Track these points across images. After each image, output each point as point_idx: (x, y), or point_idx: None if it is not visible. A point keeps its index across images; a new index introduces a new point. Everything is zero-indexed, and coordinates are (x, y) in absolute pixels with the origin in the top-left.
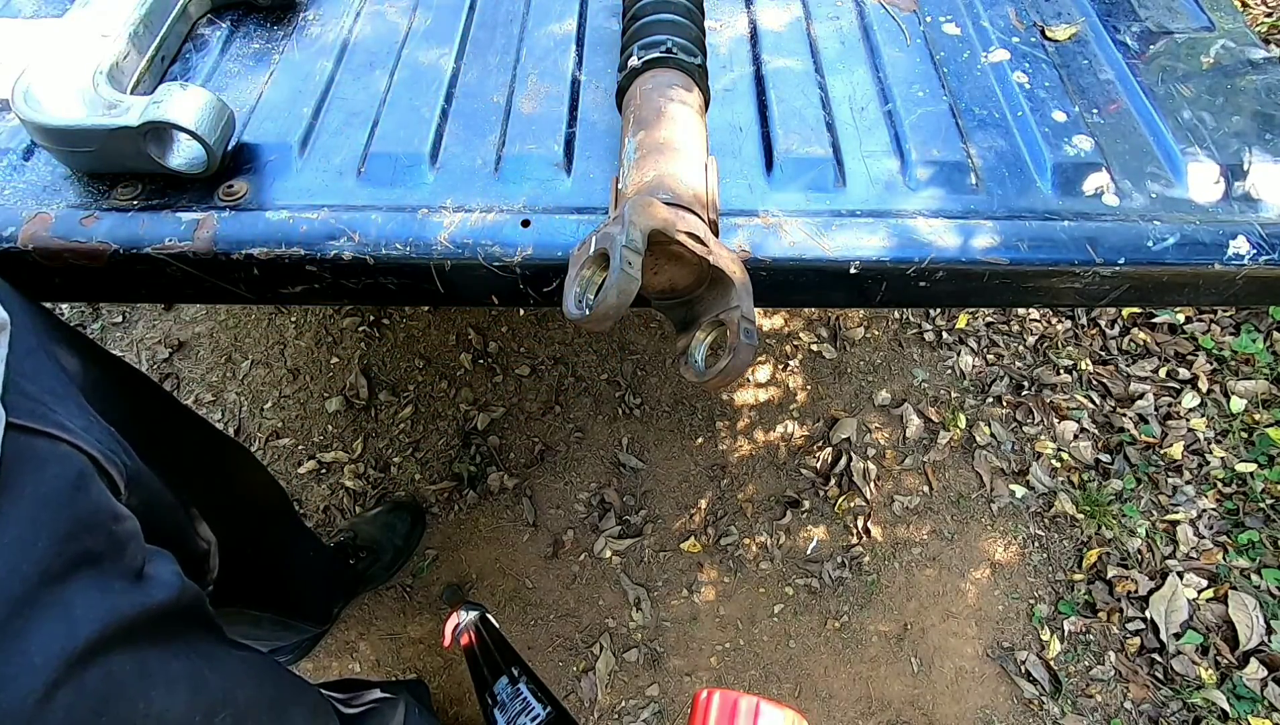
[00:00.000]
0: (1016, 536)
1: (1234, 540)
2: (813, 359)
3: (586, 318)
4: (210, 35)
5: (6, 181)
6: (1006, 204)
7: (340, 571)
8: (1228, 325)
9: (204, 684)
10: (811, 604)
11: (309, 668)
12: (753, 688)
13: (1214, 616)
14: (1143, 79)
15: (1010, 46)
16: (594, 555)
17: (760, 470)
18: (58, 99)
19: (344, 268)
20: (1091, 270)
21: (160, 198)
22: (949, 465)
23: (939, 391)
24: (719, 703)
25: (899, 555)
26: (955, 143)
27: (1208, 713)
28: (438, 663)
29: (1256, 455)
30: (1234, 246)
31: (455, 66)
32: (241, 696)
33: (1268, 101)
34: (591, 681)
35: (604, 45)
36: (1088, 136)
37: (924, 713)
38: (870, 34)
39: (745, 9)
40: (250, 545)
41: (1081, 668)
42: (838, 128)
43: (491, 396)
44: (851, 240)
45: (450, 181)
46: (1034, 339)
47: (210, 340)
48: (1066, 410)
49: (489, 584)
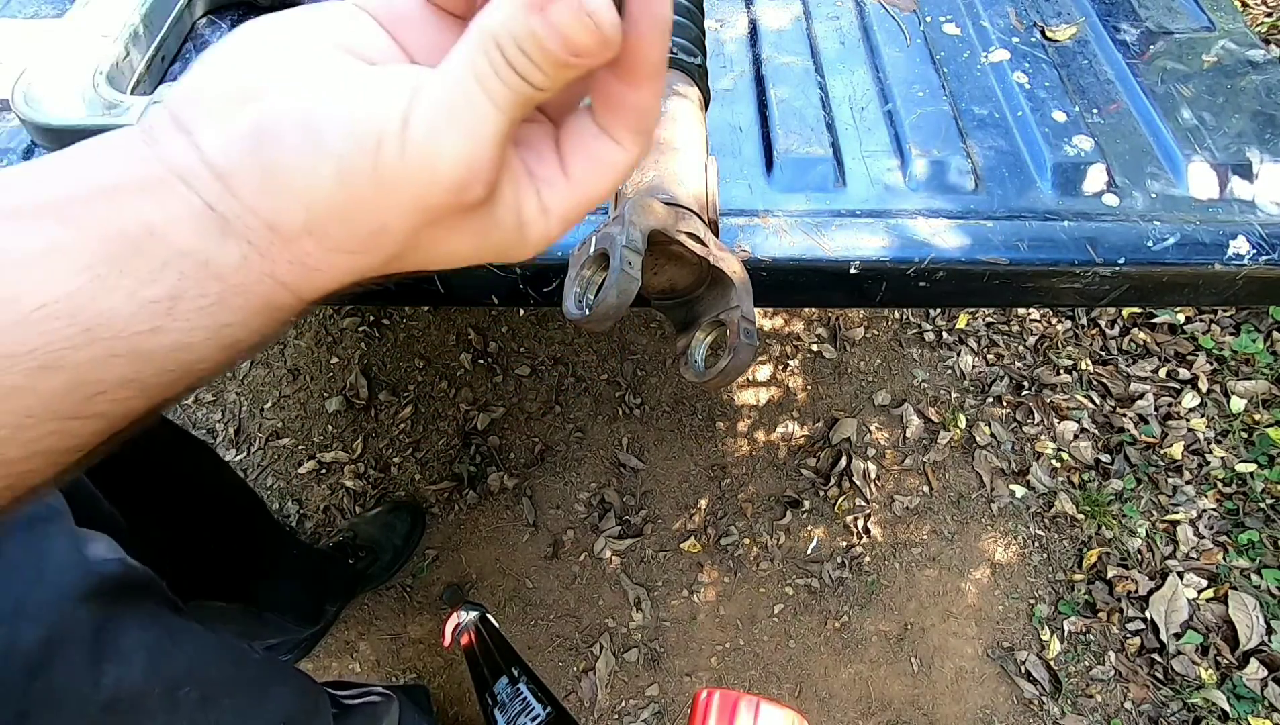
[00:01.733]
0: (1016, 536)
1: (1234, 540)
2: (813, 359)
3: (587, 318)
4: (210, 35)
5: None
6: (1006, 204)
7: (334, 571)
8: (1228, 325)
9: (165, 657)
10: (811, 604)
11: (309, 667)
12: (753, 688)
13: (1214, 616)
14: (1143, 79)
15: (1010, 46)
16: (594, 555)
17: (760, 470)
18: (58, 99)
19: None
20: (1091, 270)
21: None
22: (949, 465)
23: (939, 391)
24: (719, 703)
25: (899, 555)
26: (955, 143)
27: (1208, 713)
28: (438, 663)
29: (1256, 455)
30: (1234, 246)
31: None
32: (213, 674)
33: (1268, 101)
34: (591, 681)
35: None
36: (1088, 136)
37: (924, 713)
38: (870, 34)
39: (745, 9)
40: (215, 542)
41: (1081, 668)
42: (838, 128)
43: (491, 396)
44: (851, 240)
45: None
46: (1034, 339)
47: None
48: (1066, 410)
49: (489, 584)
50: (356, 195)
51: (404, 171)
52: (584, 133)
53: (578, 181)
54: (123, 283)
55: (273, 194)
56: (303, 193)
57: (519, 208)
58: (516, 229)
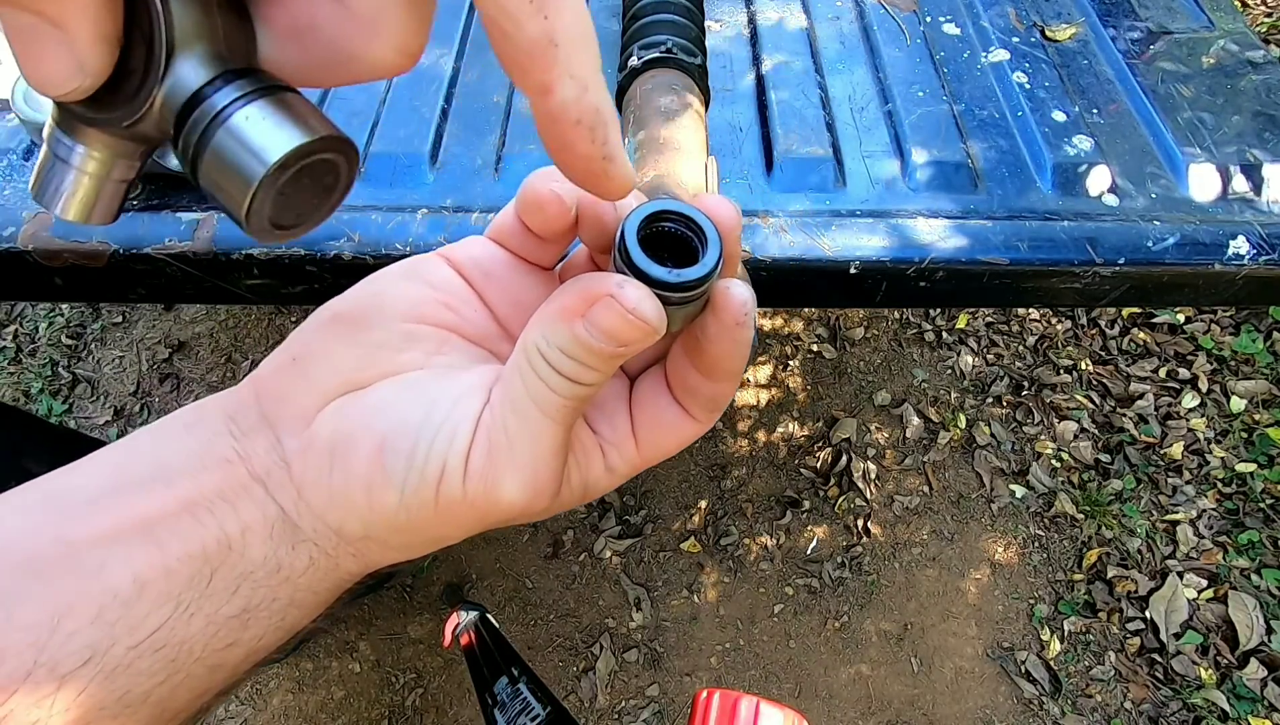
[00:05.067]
0: (1016, 536)
1: (1234, 540)
2: (813, 359)
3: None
4: None
5: (6, 181)
6: (1006, 204)
7: None
8: (1228, 325)
9: None
10: (811, 604)
11: (309, 667)
12: (753, 688)
13: (1214, 616)
14: (1143, 79)
15: (1010, 46)
16: (594, 555)
17: (760, 470)
18: None
19: (344, 268)
20: (1091, 270)
21: (160, 198)
22: (949, 465)
23: (939, 391)
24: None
25: (899, 555)
26: (955, 143)
27: (1208, 713)
28: (438, 663)
29: (1256, 455)
30: (1234, 246)
31: (455, 66)
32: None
33: (1268, 101)
34: (591, 681)
35: (604, 45)
36: (1088, 136)
37: (924, 713)
38: (870, 34)
39: (745, 9)
40: None
41: (1081, 668)
42: (838, 128)
43: None
44: (851, 240)
45: (450, 181)
46: (1034, 339)
47: (210, 340)
48: (1066, 410)
49: (489, 584)
50: (417, 519)
51: (465, 502)
52: (659, 401)
53: (646, 447)
54: (204, 606)
55: (340, 508)
56: (366, 513)
57: (585, 480)
58: (580, 494)
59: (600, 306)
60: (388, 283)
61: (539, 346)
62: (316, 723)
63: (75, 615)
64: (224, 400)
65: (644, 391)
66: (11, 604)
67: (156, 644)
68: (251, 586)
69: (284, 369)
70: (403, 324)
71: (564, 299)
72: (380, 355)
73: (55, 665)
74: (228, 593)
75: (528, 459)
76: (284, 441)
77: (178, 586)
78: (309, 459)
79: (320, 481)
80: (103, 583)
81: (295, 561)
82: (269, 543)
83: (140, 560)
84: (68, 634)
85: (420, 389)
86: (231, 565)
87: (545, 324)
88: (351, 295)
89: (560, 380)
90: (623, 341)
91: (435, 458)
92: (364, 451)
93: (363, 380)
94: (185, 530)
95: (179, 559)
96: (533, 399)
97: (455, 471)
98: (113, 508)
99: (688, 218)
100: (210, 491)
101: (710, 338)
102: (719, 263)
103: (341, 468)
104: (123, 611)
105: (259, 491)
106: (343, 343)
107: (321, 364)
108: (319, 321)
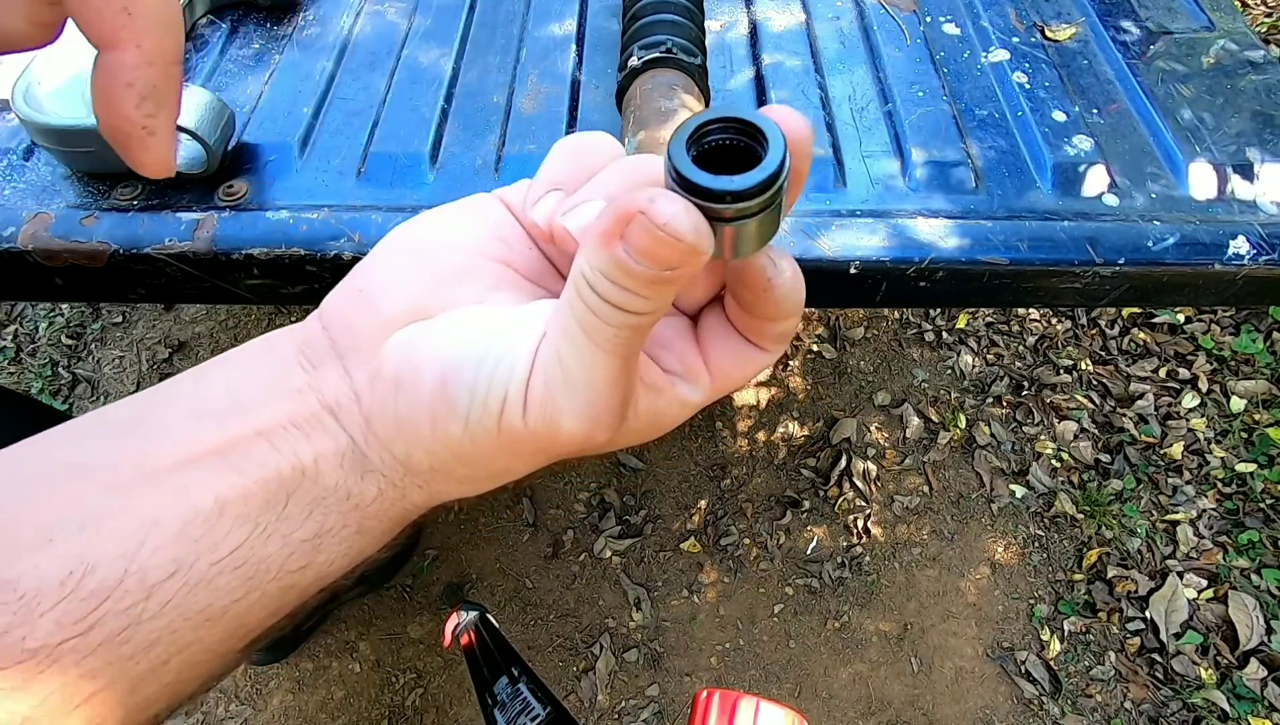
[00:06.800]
0: (1016, 536)
1: (1234, 540)
2: (813, 359)
3: None
4: (210, 35)
5: (6, 181)
6: (1006, 204)
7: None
8: (1228, 325)
9: None
10: (811, 604)
11: (309, 667)
12: (753, 688)
13: (1214, 616)
14: (1143, 79)
15: (1010, 46)
16: (594, 555)
17: (760, 470)
18: (58, 99)
19: (344, 268)
20: (1091, 270)
21: (160, 198)
22: (949, 465)
23: (939, 391)
24: (719, 703)
25: (899, 555)
26: (955, 143)
27: (1208, 713)
28: (438, 663)
29: (1256, 455)
30: (1234, 246)
31: (455, 66)
32: None
33: (1268, 101)
34: (591, 681)
35: (604, 45)
36: (1088, 136)
37: (924, 713)
38: (870, 34)
39: (745, 9)
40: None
41: (1081, 668)
42: (838, 128)
43: None
44: (851, 240)
45: (450, 181)
46: (1034, 339)
47: (210, 340)
48: (1066, 410)
49: (489, 584)
50: (481, 450)
51: (527, 433)
52: (726, 335)
53: (720, 376)
54: (279, 529)
55: (405, 440)
56: (431, 443)
57: (655, 410)
58: (649, 427)
59: (634, 225)
60: (447, 218)
61: (585, 274)
62: (316, 723)
63: (161, 530)
64: (293, 333)
65: (708, 324)
66: (100, 520)
67: (236, 562)
68: (323, 512)
69: (351, 300)
70: (464, 258)
71: (604, 220)
72: (443, 287)
73: (144, 575)
74: (301, 517)
75: (584, 390)
76: (353, 373)
77: (255, 509)
78: (376, 389)
79: (386, 411)
80: (186, 502)
81: (365, 490)
82: (340, 471)
83: (220, 483)
84: (154, 548)
85: (483, 320)
86: (305, 491)
87: (589, 249)
88: (413, 228)
89: (609, 309)
90: (664, 263)
91: (497, 388)
92: (428, 381)
93: (427, 310)
94: (262, 457)
95: (256, 483)
96: (584, 330)
97: (516, 402)
98: (191, 436)
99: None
100: (284, 420)
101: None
102: (783, 168)
103: (407, 397)
104: (205, 529)
105: (330, 421)
106: (407, 274)
107: (387, 294)
108: (383, 253)
